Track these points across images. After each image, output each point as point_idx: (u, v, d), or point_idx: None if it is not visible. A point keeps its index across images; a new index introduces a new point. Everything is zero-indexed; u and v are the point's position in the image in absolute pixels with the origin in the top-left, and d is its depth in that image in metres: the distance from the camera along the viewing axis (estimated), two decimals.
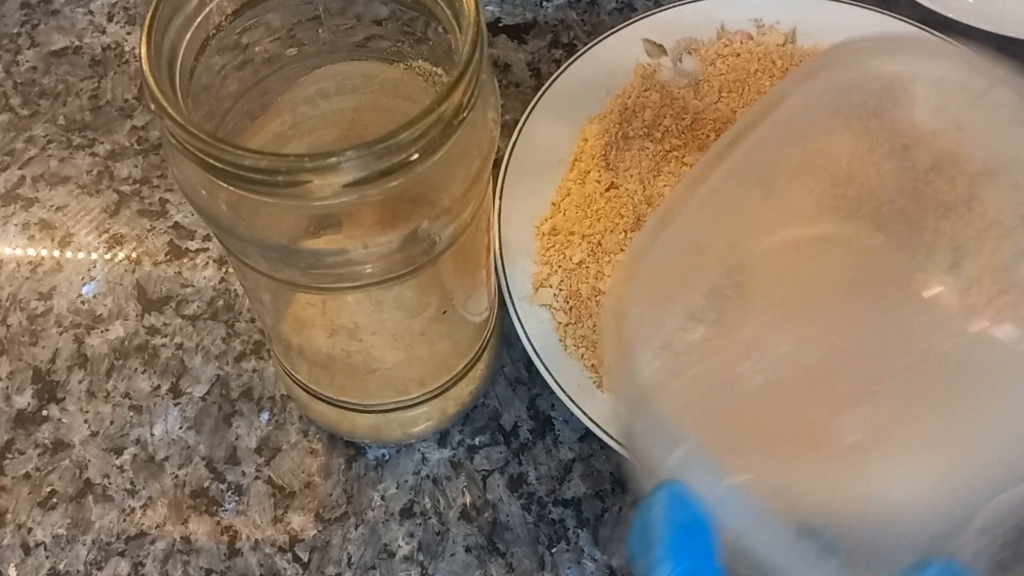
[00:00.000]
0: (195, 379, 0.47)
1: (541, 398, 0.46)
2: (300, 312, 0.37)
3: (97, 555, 0.42)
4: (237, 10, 0.32)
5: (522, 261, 0.46)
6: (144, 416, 0.46)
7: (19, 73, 0.57)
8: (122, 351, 0.47)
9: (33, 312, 0.49)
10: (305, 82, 0.36)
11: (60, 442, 0.45)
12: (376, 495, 0.44)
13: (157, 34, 0.29)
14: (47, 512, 0.43)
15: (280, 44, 0.34)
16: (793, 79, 0.32)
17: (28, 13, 0.59)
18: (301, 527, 0.43)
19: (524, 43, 0.57)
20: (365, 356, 0.38)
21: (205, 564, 0.42)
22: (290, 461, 0.44)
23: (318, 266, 0.31)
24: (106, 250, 0.51)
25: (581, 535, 0.42)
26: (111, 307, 0.49)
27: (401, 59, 0.35)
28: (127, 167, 0.53)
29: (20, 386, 0.47)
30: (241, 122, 0.34)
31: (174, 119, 0.27)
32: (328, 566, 0.42)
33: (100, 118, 0.55)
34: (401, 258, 0.31)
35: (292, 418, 0.45)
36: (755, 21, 0.54)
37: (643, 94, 0.51)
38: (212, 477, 0.44)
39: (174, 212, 0.52)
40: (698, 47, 0.53)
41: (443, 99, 0.27)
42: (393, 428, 0.43)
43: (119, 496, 0.44)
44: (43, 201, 0.52)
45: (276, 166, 0.26)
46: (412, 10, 0.33)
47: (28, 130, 0.55)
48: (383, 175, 0.27)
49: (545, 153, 0.49)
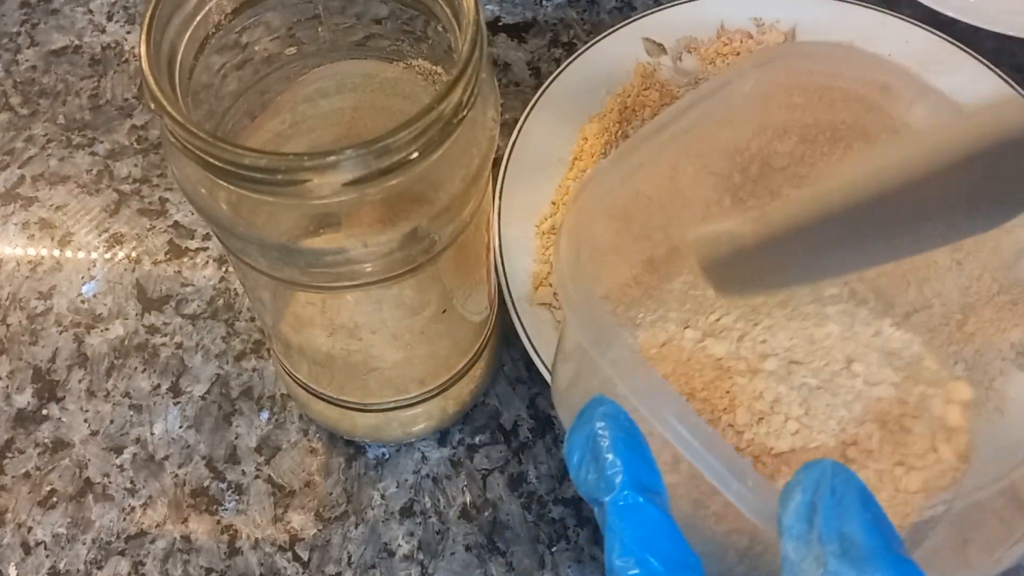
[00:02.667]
0: (195, 378, 0.47)
1: (541, 397, 0.46)
2: (300, 311, 0.37)
3: (97, 554, 0.42)
4: (236, 9, 0.32)
5: (522, 260, 0.46)
6: (144, 415, 0.46)
7: (19, 72, 0.57)
8: (122, 350, 0.47)
9: (33, 311, 0.49)
10: (305, 81, 0.36)
11: (60, 441, 0.45)
12: (376, 494, 0.44)
13: (156, 33, 0.29)
14: (47, 511, 0.43)
15: (280, 43, 0.34)
16: (750, 63, 0.34)
17: (28, 12, 0.59)
18: (301, 526, 0.43)
19: (524, 42, 0.57)
20: (365, 355, 0.38)
21: (205, 563, 0.42)
22: (290, 460, 0.44)
23: (318, 265, 0.31)
24: (106, 249, 0.51)
25: (581, 534, 0.42)
26: (111, 306, 0.49)
27: (401, 58, 0.35)
28: (127, 166, 0.53)
29: (20, 385, 0.47)
30: (241, 121, 0.34)
31: (174, 118, 0.27)
32: (328, 565, 0.42)
33: (100, 117, 0.55)
34: (401, 257, 0.31)
35: (292, 417, 0.45)
36: (755, 20, 0.54)
37: (643, 93, 0.51)
38: (212, 476, 0.44)
39: (174, 211, 0.52)
40: (698, 46, 0.53)
41: (443, 98, 0.27)
42: (393, 427, 0.43)
43: (119, 495, 0.44)
44: (43, 200, 0.52)
45: (276, 165, 0.26)
46: (412, 9, 0.33)
47: (28, 129, 0.55)
48: (382, 174, 0.27)
49: (545, 152, 0.49)
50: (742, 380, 0.36)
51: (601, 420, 0.26)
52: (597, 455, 0.25)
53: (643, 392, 0.27)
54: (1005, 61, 0.51)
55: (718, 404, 0.36)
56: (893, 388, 0.37)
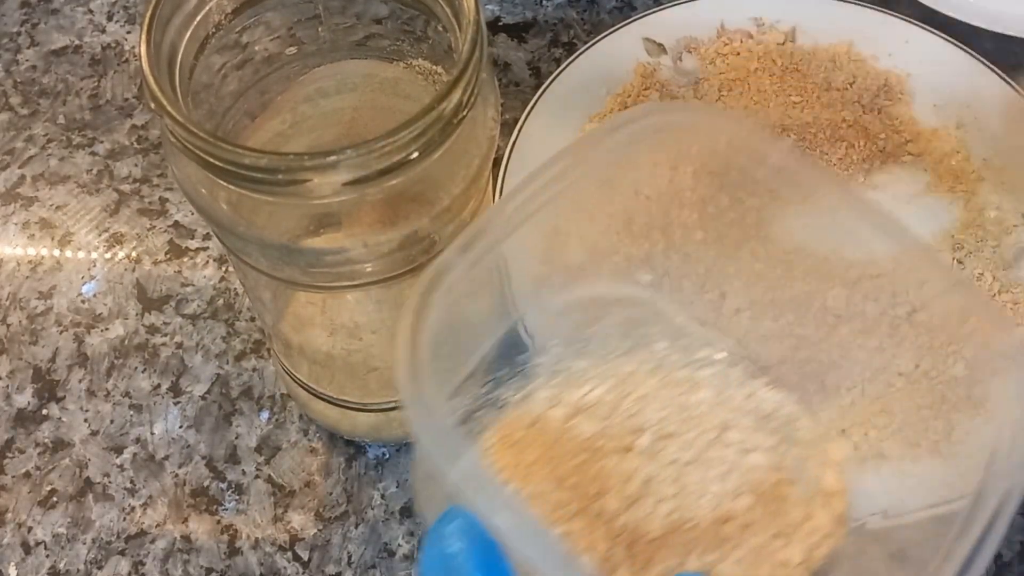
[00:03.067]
0: (195, 378, 0.47)
1: None
2: (300, 311, 0.37)
3: (97, 554, 0.42)
4: (236, 9, 0.32)
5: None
6: (144, 415, 0.46)
7: (19, 72, 0.57)
8: (122, 350, 0.47)
9: (33, 311, 0.49)
10: (305, 81, 0.36)
11: (60, 441, 0.45)
12: (376, 494, 0.44)
13: (157, 33, 0.29)
14: (47, 511, 0.43)
15: (280, 43, 0.34)
16: (610, 124, 0.33)
17: (28, 12, 0.59)
18: (301, 526, 0.43)
19: (524, 42, 0.57)
20: (365, 355, 0.38)
21: (205, 563, 0.42)
22: (290, 460, 0.44)
23: (318, 265, 0.31)
24: (106, 249, 0.51)
25: None
26: (111, 306, 0.49)
27: (401, 58, 0.35)
28: (127, 166, 0.53)
29: (20, 385, 0.47)
30: (241, 121, 0.34)
31: (174, 118, 0.27)
32: (328, 565, 0.42)
33: (100, 117, 0.55)
34: (401, 257, 0.31)
35: (292, 417, 0.45)
36: (755, 20, 0.54)
37: (643, 93, 0.51)
38: (212, 476, 0.44)
39: (174, 211, 0.52)
40: (698, 46, 0.53)
41: (443, 98, 0.28)
42: (393, 427, 0.43)
43: (119, 495, 0.44)
44: (43, 200, 0.52)
45: (276, 165, 0.26)
46: (412, 9, 0.33)
47: (28, 129, 0.55)
48: (383, 174, 0.27)
49: (545, 152, 0.49)
50: (612, 461, 0.35)
51: (456, 539, 0.24)
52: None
53: (489, 511, 0.26)
54: (1005, 61, 0.51)
55: (588, 490, 0.34)
56: (768, 454, 0.36)
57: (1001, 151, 0.49)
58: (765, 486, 0.36)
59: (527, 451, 0.35)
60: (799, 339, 0.38)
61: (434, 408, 0.27)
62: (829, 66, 0.52)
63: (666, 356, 0.39)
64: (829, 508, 0.35)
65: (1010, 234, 0.47)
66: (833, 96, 0.51)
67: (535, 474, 0.35)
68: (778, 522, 0.35)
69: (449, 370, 0.35)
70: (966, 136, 0.50)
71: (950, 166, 0.49)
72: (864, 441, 0.37)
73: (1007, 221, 0.47)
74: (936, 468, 0.35)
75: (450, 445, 0.27)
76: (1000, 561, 0.41)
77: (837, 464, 0.36)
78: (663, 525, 0.34)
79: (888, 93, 0.51)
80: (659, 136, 0.34)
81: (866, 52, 0.52)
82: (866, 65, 0.52)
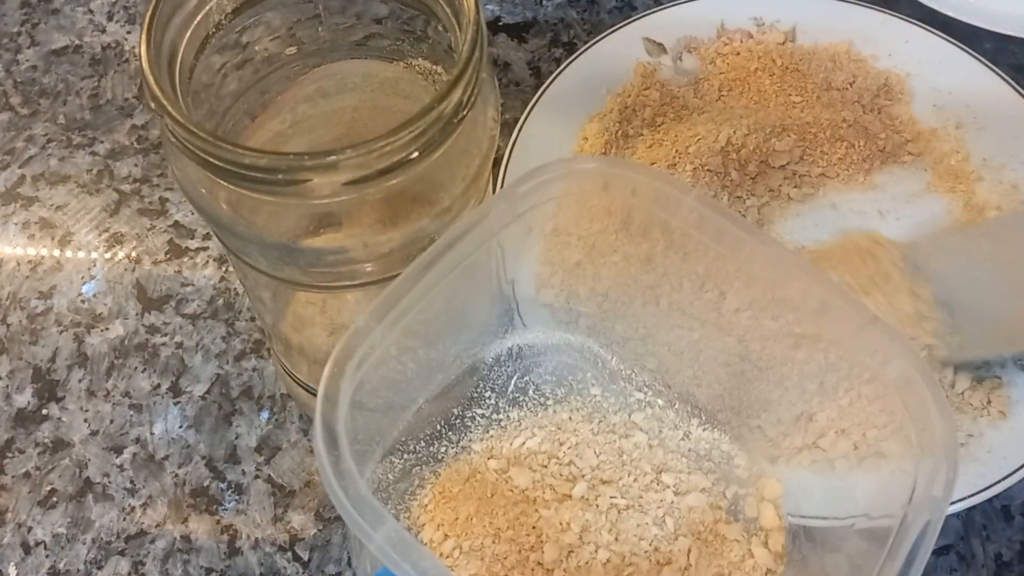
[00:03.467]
0: (195, 378, 0.47)
1: None
2: (300, 311, 0.37)
3: (97, 554, 0.42)
4: (237, 8, 0.32)
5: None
6: (144, 415, 0.46)
7: (19, 72, 0.57)
8: (122, 350, 0.47)
9: (33, 311, 0.49)
10: (305, 81, 0.36)
11: (60, 441, 0.45)
12: None
13: (157, 33, 0.29)
14: (47, 511, 0.43)
15: (280, 43, 0.34)
16: (496, 200, 0.33)
17: (28, 12, 0.59)
18: (301, 526, 0.43)
19: (524, 42, 0.57)
20: None
21: (205, 563, 0.42)
22: (290, 460, 0.44)
23: (318, 265, 0.31)
24: (106, 249, 0.51)
25: None
26: (111, 306, 0.49)
27: (401, 58, 0.35)
28: (127, 166, 0.53)
29: (20, 385, 0.47)
30: (241, 121, 0.34)
31: (174, 118, 0.27)
32: (328, 565, 0.42)
33: (100, 117, 0.55)
34: (401, 257, 0.31)
35: (292, 417, 0.45)
36: (755, 20, 0.54)
37: (643, 93, 0.51)
38: (212, 476, 0.44)
39: (174, 211, 0.52)
40: (698, 46, 0.53)
41: (443, 98, 0.27)
42: None
43: (119, 495, 0.44)
44: (43, 200, 0.52)
45: (276, 164, 0.26)
46: (412, 8, 0.33)
47: (28, 129, 0.55)
48: (383, 174, 0.27)
49: (545, 152, 0.49)
50: (548, 512, 0.36)
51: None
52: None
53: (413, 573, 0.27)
54: (1005, 61, 0.51)
55: (524, 542, 0.35)
56: (705, 495, 0.37)
57: (1001, 151, 0.49)
58: (703, 527, 0.36)
59: (464, 505, 0.36)
60: (738, 375, 0.38)
61: (349, 478, 0.28)
62: (829, 66, 0.52)
63: (601, 401, 0.39)
64: (768, 546, 0.36)
65: None
66: (833, 96, 0.51)
67: (473, 528, 0.35)
68: (717, 563, 0.35)
69: (379, 432, 0.35)
70: (966, 136, 0.50)
71: (950, 166, 0.49)
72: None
73: None
74: (870, 479, 0.35)
75: (368, 513, 0.27)
76: (1000, 561, 0.41)
77: (774, 501, 0.37)
78: (602, 572, 0.34)
79: (888, 93, 0.51)
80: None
81: (866, 52, 0.52)
82: (866, 65, 0.52)
